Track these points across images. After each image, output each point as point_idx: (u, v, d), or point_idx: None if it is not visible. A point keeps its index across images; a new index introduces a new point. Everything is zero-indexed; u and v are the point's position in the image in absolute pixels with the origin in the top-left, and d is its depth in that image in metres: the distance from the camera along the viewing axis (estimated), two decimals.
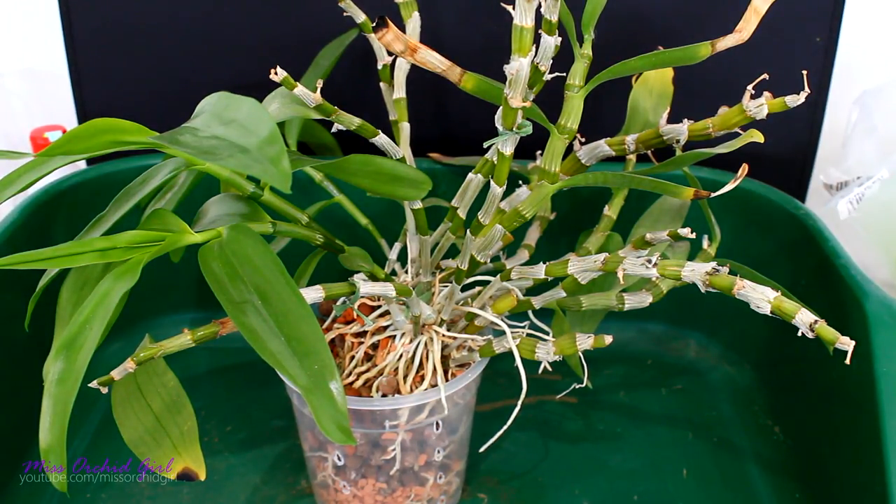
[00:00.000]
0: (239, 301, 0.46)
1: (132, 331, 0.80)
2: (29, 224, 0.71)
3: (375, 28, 0.48)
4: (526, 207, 0.54)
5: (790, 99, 0.48)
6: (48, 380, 0.45)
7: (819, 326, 0.45)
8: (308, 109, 0.55)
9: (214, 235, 0.50)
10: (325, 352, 0.44)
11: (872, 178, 0.71)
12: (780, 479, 0.68)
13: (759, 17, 0.50)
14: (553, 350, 0.56)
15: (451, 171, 0.77)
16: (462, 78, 0.52)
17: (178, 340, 0.53)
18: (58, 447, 0.45)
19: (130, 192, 0.54)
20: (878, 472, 0.54)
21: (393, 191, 0.56)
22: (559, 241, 0.73)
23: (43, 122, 0.85)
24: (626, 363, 0.81)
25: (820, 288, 0.68)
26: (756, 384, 0.78)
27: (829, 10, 0.77)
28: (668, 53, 0.51)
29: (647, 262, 0.49)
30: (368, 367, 0.60)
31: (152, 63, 0.82)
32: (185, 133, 0.44)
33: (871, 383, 0.57)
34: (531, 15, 0.46)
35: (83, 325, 0.46)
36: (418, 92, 0.70)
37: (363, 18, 0.61)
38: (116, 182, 0.59)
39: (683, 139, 0.54)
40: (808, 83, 0.51)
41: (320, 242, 0.59)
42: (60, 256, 0.46)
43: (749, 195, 0.75)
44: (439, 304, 0.61)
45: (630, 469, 0.69)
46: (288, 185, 0.39)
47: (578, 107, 0.53)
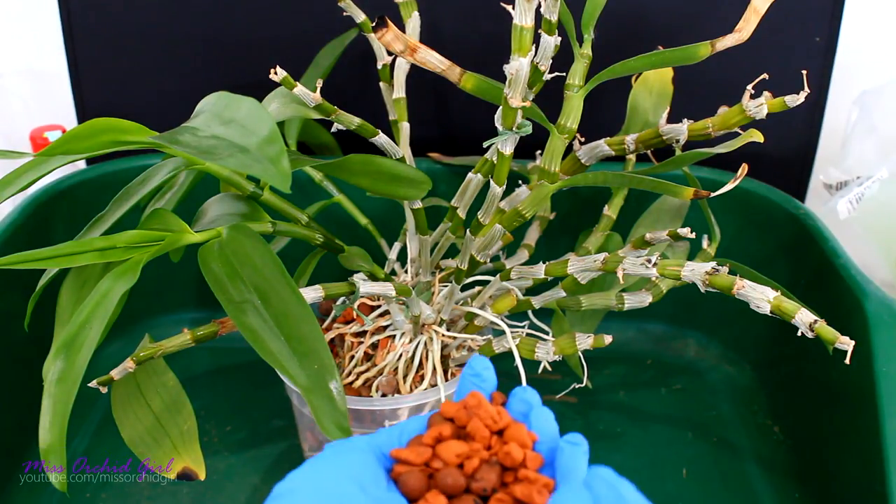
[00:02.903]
0: (239, 301, 0.46)
1: (132, 330, 0.80)
2: (29, 224, 0.71)
3: (375, 28, 0.48)
4: (526, 207, 0.54)
5: (790, 99, 0.48)
6: (48, 379, 0.46)
7: (819, 326, 0.45)
8: (308, 109, 0.55)
9: (214, 235, 0.50)
10: (325, 352, 0.45)
11: (872, 178, 0.71)
12: (780, 479, 0.68)
13: (758, 16, 0.50)
14: (553, 350, 0.56)
15: (450, 170, 0.77)
16: (462, 78, 0.52)
17: (177, 340, 0.53)
18: (58, 447, 0.45)
19: (130, 192, 0.54)
20: (878, 472, 0.54)
21: (393, 190, 0.56)
22: (559, 241, 0.73)
23: (43, 121, 0.85)
24: (626, 363, 0.81)
25: (820, 288, 0.68)
26: (756, 384, 0.77)
27: (829, 10, 0.77)
28: (667, 53, 0.51)
29: (646, 261, 0.49)
30: (368, 366, 0.60)
31: (152, 63, 0.82)
32: (184, 133, 0.44)
33: (871, 383, 0.57)
34: (531, 15, 0.46)
35: (83, 325, 0.46)
36: (418, 92, 0.70)
37: (363, 18, 0.61)
38: (116, 182, 0.59)
39: (683, 139, 0.54)
40: (807, 83, 0.51)
41: (320, 242, 0.59)
42: (60, 256, 0.46)
43: (749, 195, 0.75)
44: (439, 304, 0.61)
45: (630, 469, 0.69)
46: (288, 184, 0.39)
47: (578, 106, 0.53)
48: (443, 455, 0.37)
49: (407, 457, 0.37)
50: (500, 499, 0.36)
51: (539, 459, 0.37)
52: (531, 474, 0.36)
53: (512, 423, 0.38)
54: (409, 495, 0.36)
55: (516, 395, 0.40)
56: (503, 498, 0.36)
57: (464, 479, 0.36)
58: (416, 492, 0.36)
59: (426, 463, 0.37)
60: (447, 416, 0.38)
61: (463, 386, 0.41)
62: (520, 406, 0.40)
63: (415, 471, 0.36)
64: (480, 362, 0.41)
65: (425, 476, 0.36)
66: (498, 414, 0.38)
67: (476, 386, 0.40)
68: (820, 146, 0.83)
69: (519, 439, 0.37)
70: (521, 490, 0.35)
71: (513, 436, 0.37)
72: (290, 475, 0.36)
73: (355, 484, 0.35)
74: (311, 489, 0.35)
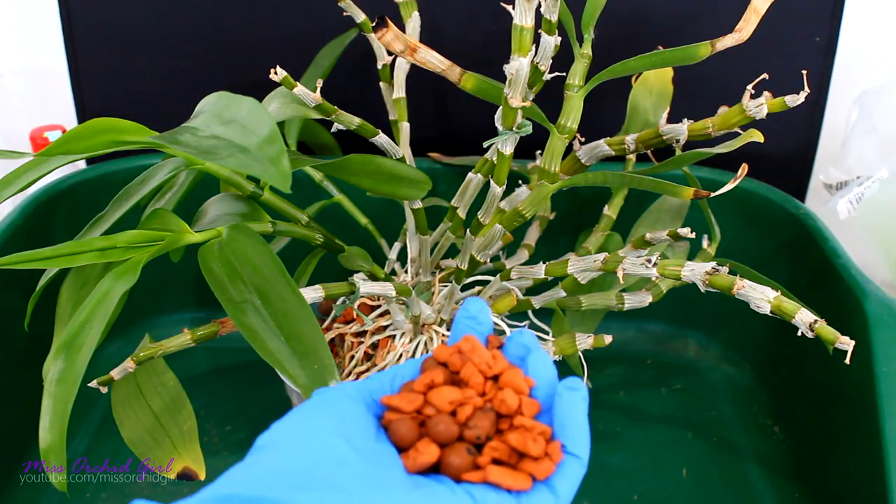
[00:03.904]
0: (239, 301, 0.46)
1: (132, 330, 0.79)
2: (29, 224, 0.71)
3: (375, 28, 0.48)
4: (526, 207, 0.54)
5: (790, 99, 0.48)
6: (48, 379, 0.46)
7: (819, 326, 0.45)
8: (308, 109, 0.55)
9: (214, 235, 0.50)
10: (325, 351, 0.45)
11: (872, 178, 0.71)
12: (780, 479, 0.68)
13: (758, 16, 0.50)
14: (553, 350, 0.56)
15: (450, 170, 0.77)
16: (462, 78, 0.52)
17: (177, 340, 0.54)
18: (58, 447, 0.45)
19: (130, 192, 0.54)
20: (878, 472, 0.54)
21: (393, 190, 0.56)
22: (559, 241, 0.74)
23: (43, 121, 0.85)
24: (626, 363, 0.81)
25: (820, 288, 0.68)
26: (756, 384, 0.77)
27: (829, 10, 0.77)
28: (667, 53, 0.51)
29: (646, 261, 0.49)
30: (368, 366, 0.60)
31: (152, 63, 0.82)
32: (184, 133, 0.44)
33: (871, 383, 0.57)
34: (531, 15, 0.46)
35: (83, 325, 0.46)
36: (418, 92, 0.70)
37: (363, 18, 0.61)
38: (116, 182, 0.59)
39: (683, 139, 0.54)
40: (807, 83, 0.51)
41: (320, 242, 0.59)
42: (60, 256, 0.46)
43: (749, 195, 0.75)
44: (439, 304, 0.61)
45: (630, 469, 0.69)
46: (288, 184, 0.39)
47: (578, 106, 0.53)
48: (435, 402, 0.35)
49: (398, 404, 0.35)
50: (495, 447, 0.34)
51: (535, 406, 0.36)
52: (527, 421, 0.35)
53: (508, 367, 0.37)
54: (400, 444, 0.35)
55: (513, 338, 0.38)
56: (497, 446, 0.34)
57: (457, 426, 0.34)
58: (406, 440, 0.34)
59: (418, 410, 0.35)
60: (440, 360, 0.37)
61: (458, 329, 0.39)
62: (517, 350, 0.38)
63: (405, 418, 0.35)
64: (476, 304, 0.39)
65: (416, 424, 0.35)
66: (493, 358, 0.36)
67: (471, 329, 0.38)
68: (820, 146, 0.83)
69: (515, 385, 0.36)
70: (515, 438, 0.34)
71: (508, 381, 0.36)
72: (274, 425, 0.34)
73: (340, 435, 0.33)
74: (293, 442, 0.33)
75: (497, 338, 0.39)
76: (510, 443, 0.34)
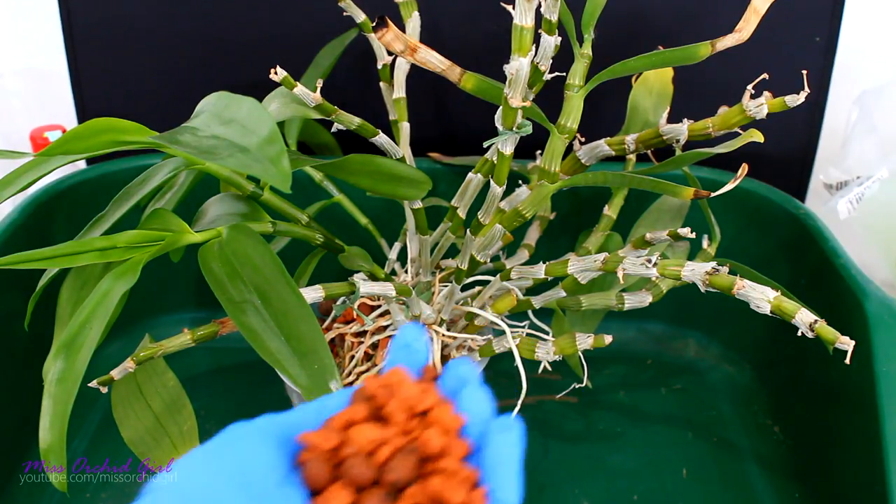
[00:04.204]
0: (239, 301, 0.46)
1: (132, 330, 0.79)
2: (29, 224, 0.71)
3: (375, 28, 0.48)
4: (526, 207, 0.54)
5: (790, 99, 0.48)
6: (48, 379, 0.46)
7: (819, 326, 0.45)
8: (308, 109, 0.55)
9: (214, 235, 0.50)
10: (325, 351, 0.45)
11: (872, 178, 0.71)
12: (780, 479, 0.68)
13: (758, 16, 0.50)
14: (553, 350, 0.56)
15: (450, 170, 0.77)
16: (462, 78, 0.52)
17: (178, 340, 0.54)
18: (58, 447, 0.45)
19: (130, 192, 0.54)
20: (878, 472, 0.54)
21: (393, 190, 0.56)
22: (559, 241, 0.73)
23: (43, 121, 0.84)
24: (626, 363, 0.81)
25: (820, 288, 0.68)
26: (756, 384, 0.77)
27: (829, 10, 0.77)
28: (668, 53, 0.51)
29: (647, 261, 0.49)
30: (368, 366, 0.60)
31: (152, 63, 0.82)
32: (184, 133, 0.44)
33: (871, 383, 0.57)
34: (531, 15, 0.46)
35: (83, 325, 0.46)
36: (418, 92, 0.70)
37: (363, 18, 0.61)
38: (116, 182, 0.59)
39: (683, 139, 0.54)
40: (807, 83, 0.51)
41: (320, 242, 0.59)
42: (60, 256, 0.46)
43: (749, 195, 0.75)
44: (439, 304, 0.61)
45: (630, 469, 0.69)
46: (288, 184, 0.39)
47: (578, 106, 0.53)
48: (353, 440, 0.32)
49: (314, 441, 0.32)
50: (413, 493, 0.31)
51: (464, 447, 0.32)
52: (452, 464, 0.31)
53: (437, 403, 0.33)
54: (312, 486, 0.31)
55: (450, 368, 0.34)
56: (415, 493, 0.31)
57: (373, 469, 0.31)
58: (318, 482, 0.31)
59: (335, 449, 0.32)
60: (367, 394, 0.33)
61: (392, 358, 0.36)
62: (453, 382, 0.34)
63: (318, 459, 0.31)
64: (411, 331, 0.36)
65: (331, 465, 0.32)
66: (423, 392, 0.33)
67: (404, 358, 0.35)
68: (820, 146, 0.83)
69: (443, 423, 0.32)
70: (437, 483, 0.31)
71: (436, 419, 0.32)
72: (174, 465, 0.31)
73: (235, 481, 0.30)
74: (180, 489, 0.30)
75: (433, 369, 0.36)
76: (428, 488, 0.31)
